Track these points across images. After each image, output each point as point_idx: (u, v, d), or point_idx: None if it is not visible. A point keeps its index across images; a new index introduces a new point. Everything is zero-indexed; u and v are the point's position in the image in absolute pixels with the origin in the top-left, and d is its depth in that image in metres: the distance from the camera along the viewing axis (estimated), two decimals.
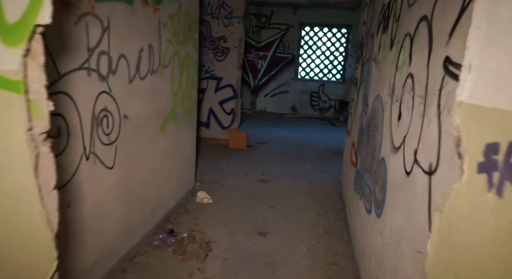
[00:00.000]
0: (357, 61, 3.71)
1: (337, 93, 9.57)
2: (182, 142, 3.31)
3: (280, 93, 9.83)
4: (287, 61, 9.63)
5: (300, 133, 7.38)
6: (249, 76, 9.89)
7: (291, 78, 9.68)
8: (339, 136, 7.30)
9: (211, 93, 5.94)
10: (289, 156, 5.53)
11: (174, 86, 2.99)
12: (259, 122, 8.31)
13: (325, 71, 9.70)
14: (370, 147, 2.41)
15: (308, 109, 9.79)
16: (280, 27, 9.42)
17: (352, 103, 3.72)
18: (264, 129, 7.55)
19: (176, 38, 2.93)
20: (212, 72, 5.87)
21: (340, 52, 9.47)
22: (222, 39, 5.74)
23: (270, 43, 9.58)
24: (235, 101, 5.95)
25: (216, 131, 6.06)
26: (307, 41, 9.52)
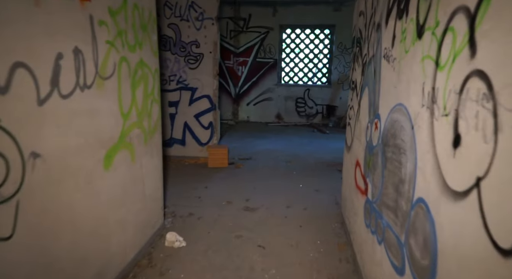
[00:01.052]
0: (354, 61, 3.08)
1: (324, 97, 9.01)
2: (141, 173, 2.58)
3: (263, 101, 9.20)
4: (269, 67, 9.01)
5: (287, 144, 6.73)
6: (229, 84, 9.23)
7: (274, 84, 9.06)
8: (330, 145, 6.68)
9: (185, 106, 5.22)
10: (277, 172, 4.86)
11: (124, 104, 2.28)
12: (242, 133, 7.62)
13: (309, 75, 9.14)
14: (390, 175, 1.75)
15: (294, 117, 9.18)
16: (259, 30, 8.83)
17: (351, 112, 3.08)
18: (248, 141, 6.87)
19: (123, 40, 2.22)
20: (185, 82, 5.17)
21: (324, 54, 8.93)
22: (194, 44, 5.06)
23: (249, 48, 8.96)
24: (213, 113, 5.26)
25: (193, 148, 5.33)
26: (289, 44, 8.95)
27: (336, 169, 5.03)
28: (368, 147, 2.29)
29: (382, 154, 1.91)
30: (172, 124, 5.28)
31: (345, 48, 8.67)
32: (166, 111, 5.24)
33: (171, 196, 3.83)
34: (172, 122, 5.27)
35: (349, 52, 8.67)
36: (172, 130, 5.30)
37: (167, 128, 5.30)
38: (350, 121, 3.10)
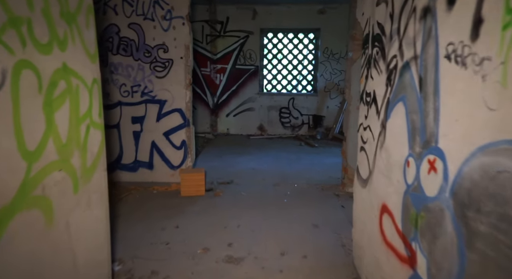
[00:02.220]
0: (367, 66, 2.34)
1: (310, 107, 8.32)
2: (67, 237, 1.70)
3: (244, 112, 8.40)
4: (249, 74, 8.25)
5: (273, 161, 5.94)
6: (206, 94, 8.39)
7: (255, 93, 8.30)
8: (321, 161, 5.94)
9: (152, 122, 4.35)
10: (264, 201, 4.04)
11: (29, 136, 1.42)
12: (221, 149, 6.77)
13: (294, 82, 8.44)
14: (491, 268, 0.97)
15: (278, 128, 8.43)
16: (238, 35, 8.07)
17: (365, 134, 2.33)
18: (229, 159, 6.03)
19: (22, 34, 1.37)
20: (151, 93, 4.30)
21: (309, 60, 8.27)
22: (161, 48, 4.21)
23: (228, 54, 8.18)
24: (187, 130, 4.40)
25: (163, 173, 4.45)
26: (271, 49, 8.24)
27: (333, 194, 4.28)
28: (412, 196, 1.52)
29: (458, 219, 1.13)
30: (136, 144, 4.38)
31: (332, 54, 8.04)
32: (128, 129, 4.34)
33: (129, 244, 2.94)
34: (136, 142, 4.38)
35: (335, 58, 8.05)
36: (137, 151, 4.40)
37: (131, 150, 4.40)
38: (364, 145, 2.34)
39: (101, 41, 4.11)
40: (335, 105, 8.24)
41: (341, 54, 8.03)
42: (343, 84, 8.16)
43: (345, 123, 4.32)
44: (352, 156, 4.23)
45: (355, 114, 4.10)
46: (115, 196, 4.03)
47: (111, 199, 2.22)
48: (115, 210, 3.68)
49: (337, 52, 8.03)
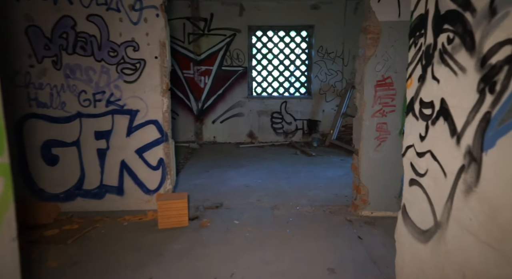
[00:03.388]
0: (421, 63, 1.60)
1: (304, 111, 7.60)
2: None
3: (232, 117, 7.62)
4: (237, 76, 7.47)
5: (268, 175, 5.18)
6: (190, 99, 7.56)
7: (244, 97, 7.53)
8: (322, 174, 5.21)
9: (121, 137, 3.52)
10: (263, 232, 3.27)
11: None
12: (208, 162, 5.97)
13: (286, 85, 7.71)
14: None
15: (270, 134, 7.68)
16: (224, 33, 7.29)
17: (421, 162, 1.57)
18: (217, 174, 5.23)
19: None
20: (118, 102, 3.47)
21: (302, 60, 7.56)
22: (130, 46, 3.40)
23: (213, 55, 7.39)
24: (165, 146, 3.59)
25: (137, 199, 3.63)
26: (260, 49, 7.48)
27: (345, 219, 3.54)
28: None
29: None
30: (102, 165, 3.54)
31: (327, 53, 7.35)
32: (90, 147, 3.50)
33: None
34: (102, 162, 3.54)
35: (331, 57, 7.36)
36: (103, 174, 3.56)
37: (94, 172, 3.56)
38: (421, 180, 1.59)
39: (51, 38, 3.27)
40: (331, 108, 7.55)
41: (336, 53, 7.35)
42: (339, 86, 7.48)
43: (356, 134, 3.60)
44: (367, 173, 3.51)
45: (371, 124, 3.38)
46: (75, 232, 3.19)
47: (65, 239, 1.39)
48: (71, 255, 2.84)
49: (333, 51, 7.35)
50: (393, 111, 3.42)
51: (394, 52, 3.31)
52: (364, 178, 3.51)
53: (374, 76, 3.36)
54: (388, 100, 3.40)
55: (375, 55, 3.32)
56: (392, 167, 3.50)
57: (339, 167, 5.62)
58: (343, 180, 4.93)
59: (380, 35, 3.27)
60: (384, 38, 3.28)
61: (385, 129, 3.45)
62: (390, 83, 3.37)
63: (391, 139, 3.46)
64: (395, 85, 3.37)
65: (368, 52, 3.33)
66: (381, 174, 3.51)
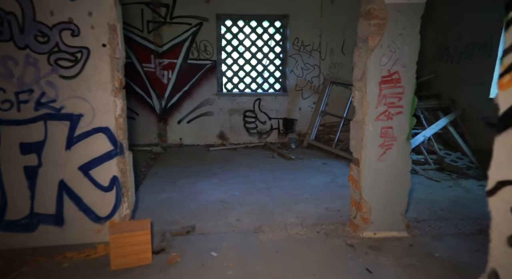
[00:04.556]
0: None
1: (279, 109, 6.99)
2: None
3: (200, 117, 6.83)
4: (205, 71, 6.68)
5: (245, 185, 4.49)
6: (151, 97, 6.66)
7: (213, 94, 6.76)
8: (306, 181, 4.61)
9: (59, 150, 2.67)
10: (249, 269, 2.58)
11: None
12: (174, 169, 5.16)
13: (259, 80, 7.04)
14: None
15: (242, 135, 6.99)
16: (189, 22, 6.45)
17: None
18: (186, 185, 4.46)
19: None
20: (52, 104, 2.61)
21: (276, 53, 6.92)
22: (67, 29, 2.55)
23: (177, 46, 6.53)
24: (119, 160, 2.79)
25: (82, 229, 2.80)
26: (230, 40, 6.73)
27: (345, 243, 2.95)
28: None
29: None
30: (31, 187, 2.67)
31: (303, 45, 6.76)
32: (14, 163, 2.62)
33: None
34: (32, 183, 2.66)
35: (307, 50, 6.78)
36: (33, 199, 2.69)
37: (22, 197, 2.68)
38: None
39: None
40: (308, 106, 7.00)
41: (313, 46, 6.78)
42: (316, 81, 6.94)
43: (356, 140, 3.01)
44: (370, 187, 2.93)
45: (375, 128, 2.80)
46: None
47: None
48: None
49: (309, 44, 6.77)
50: (400, 113, 2.86)
51: (403, 42, 2.74)
52: (367, 193, 2.94)
53: (378, 71, 2.77)
54: (395, 100, 2.84)
55: (380, 45, 2.73)
56: (398, 179, 2.96)
57: (323, 173, 5.06)
58: (331, 188, 4.37)
59: (387, 21, 2.69)
60: (391, 25, 2.70)
61: (390, 134, 2.89)
62: (397, 80, 2.80)
63: (397, 146, 2.91)
64: (403, 81, 2.81)
65: (372, 42, 2.73)
66: (385, 188, 2.96)
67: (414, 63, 2.79)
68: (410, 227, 3.11)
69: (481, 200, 3.90)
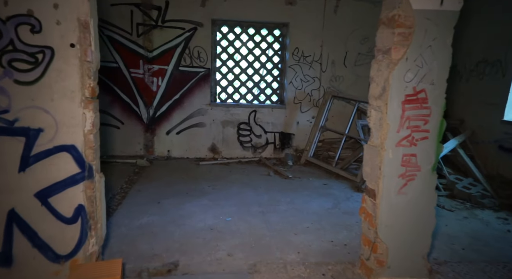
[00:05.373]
0: None
1: (275, 122, 6.54)
2: None
3: (191, 128, 6.34)
4: (198, 79, 6.22)
5: (238, 209, 3.99)
6: (138, 105, 6.16)
7: (206, 104, 6.29)
8: (306, 206, 4.10)
9: (10, 172, 2.16)
10: None
11: None
12: (160, 186, 4.64)
13: (255, 91, 6.60)
14: None
15: (236, 149, 6.51)
16: (182, 26, 6.01)
17: None
18: (171, 207, 3.95)
19: None
20: (3, 116, 2.11)
21: (275, 63, 6.50)
22: (25, 23, 2.06)
23: (168, 52, 6.07)
24: (87, 186, 2.28)
25: (36, 270, 2.27)
26: (226, 47, 6.30)
27: None
28: None
29: None
30: None
31: (303, 56, 6.36)
32: None
33: None
34: None
35: (307, 62, 6.38)
36: None
37: None
38: None
39: None
40: (307, 120, 6.57)
41: (314, 57, 6.39)
42: (316, 94, 6.52)
43: (371, 168, 2.56)
44: (387, 224, 2.48)
45: (395, 155, 2.36)
46: None
47: None
48: None
49: (310, 55, 6.37)
50: (426, 139, 2.43)
51: (431, 56, 2.32)
52: (383, 231, 2.48)
53: (402, 88, 2.34)
54: (420, 123, 2.40)
55: (405, 59, 2.30)
56: (421, 216, 2.51)
57: (323, 195, 4.60)
58: (334, 216, 3.91)
59: (414, 31, 2.27)
60: (419, 35, 2.28)
61: (413, 163, 2.44)
62: (423, 100, 2.37)
63: (421, 177, 2.47)
64: (430, 101, 2.38)
65: (395, 54, 2.30)
66: (406, 226, 2.50)
67: (444, 81, 2.37)
68: (432, 271, 2.65)
69: (504, 237, 3.48)
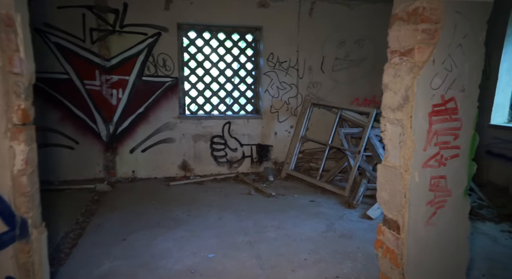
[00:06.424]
0: None
1: (252, 134, 6.03)
2: None
3: (159, 144, 5.66)
4: (164, 89, 5.56)
5: (220, 241, 3.40)
6: (95, 121, 5.38)
7: (174, 117, 5.65)
8: (297, 231, 3.54)
9: None
10: None
11: None
12: (124, 216, 3.91)
13: (229, 101, 6.05)
14: None
15: (209, 165, 5.90)
16: (144, 31, 5.35)
17: None
18: (139, 244, 3.26)
19: None
20: None
21: (248, 70, 6.01)
22: None
23: (129, 60, 5.37)
24: (19, 248, 1.60)
25: None
26: (195, 54, 5.72)
27: None
28: None
29: None
30: None
31: (279, 62, 5.93)
32: None
33: None
34: None
35: (284, 68, 5.96)
36: None
37: None
38: None
39: None
40: (285, 130, 6.12)
41: (290, 63, 5.97)
42: (294, 102, 6.10)
43: (390, 194, 2.10)
44: (416, 263, 2.02)
45: (422, 179, 1.92)
46: None
47: None
48: None
49: (286, 60, 5.95)
50: (456, 157, 2.01)
51: (462, 57, 1.91)
52: (411, 272, 2.02)
53: (429, 97, 1.92)
54: (449, 139, 1.99)
55: (431, 61, 1.88)
56: (453, 250, 2.08)
57: (313, 216, 4.12)
58: (331, 241, 3.43)
59: (441, 26, 1.85)
60: (447, 32, 1.87)
61: (443, 187, 2.02)
62: (453, 110, 1.96)
63: (451, 203, 2.05)
64: (461, 112, 1.97)
65: (419, 55, 1.87)
66: (437, 264, 2.06)
67: (476, 86, 1.97)
68: None
69: None
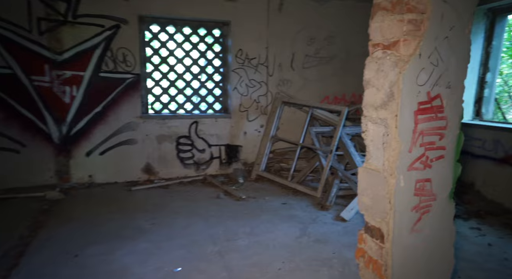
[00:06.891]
0: None
1: (220, 134, 5.75)
2: None
3: (119, 146, 5.22)
4: (125, 87, 5.14)
5: (188, 252, 3.10)
6: (45, 121, 4.85)
7: (136, 116, 5.24)
8: (270, 238, 3.34)
9: None
10: None
11: None
12: (78, 228, 3.49)
13: (195, 99, 5.73)
14: None
15: (175, 167, 5.55)
16: (101, 23, 4.91)
17: None
18: (95, 261, 2.89)
19: None
20: None
21: (216, 67, 5.72)
22: None
23: (84, 54, 4.90)
24: None
25: None
26: (158, 49, 5.33)
27: None
28: None
29: None
30: None
31: (247, 59, 5.69)
32: None
33: None
34: None
35: (253, 65, 5.73)
36: None
37: None
38: None
39: None
40: (255, 130, 5.90)
41: (259, 60, 5.76)
42: (264, 101, 5.90)
43: (373, 200, 1.93)
44: (402, 273, 1.87)
45: (407, 183, 1.77)
46: None
47: None
48: None
49: (255, 57, 5.73)
50: (441, 158, 1.87)
51: (449, 50, 1.77)
52: None
53: (415, 94, 1.76)
54: (435, 139, 1.84)
55: (417, 54, 1.72)
56: (438, 257, 1.95)
57: (286, 219, 3.93)
58: (305, 247, 3.25)
59: (428, 17, 1.70)
60: (434, 23, 1.72)
61: (428, 191, 1.87)
62: (439, 108, 1.82)
63: (436, 208, 1.91)
64: (446, 110, 1.84)
65: (405, 48, 1.71)
66: (422, 273, 1.92)
67: (461, 83, 1.84)
68: None
69: (489, 253, 3.16)
